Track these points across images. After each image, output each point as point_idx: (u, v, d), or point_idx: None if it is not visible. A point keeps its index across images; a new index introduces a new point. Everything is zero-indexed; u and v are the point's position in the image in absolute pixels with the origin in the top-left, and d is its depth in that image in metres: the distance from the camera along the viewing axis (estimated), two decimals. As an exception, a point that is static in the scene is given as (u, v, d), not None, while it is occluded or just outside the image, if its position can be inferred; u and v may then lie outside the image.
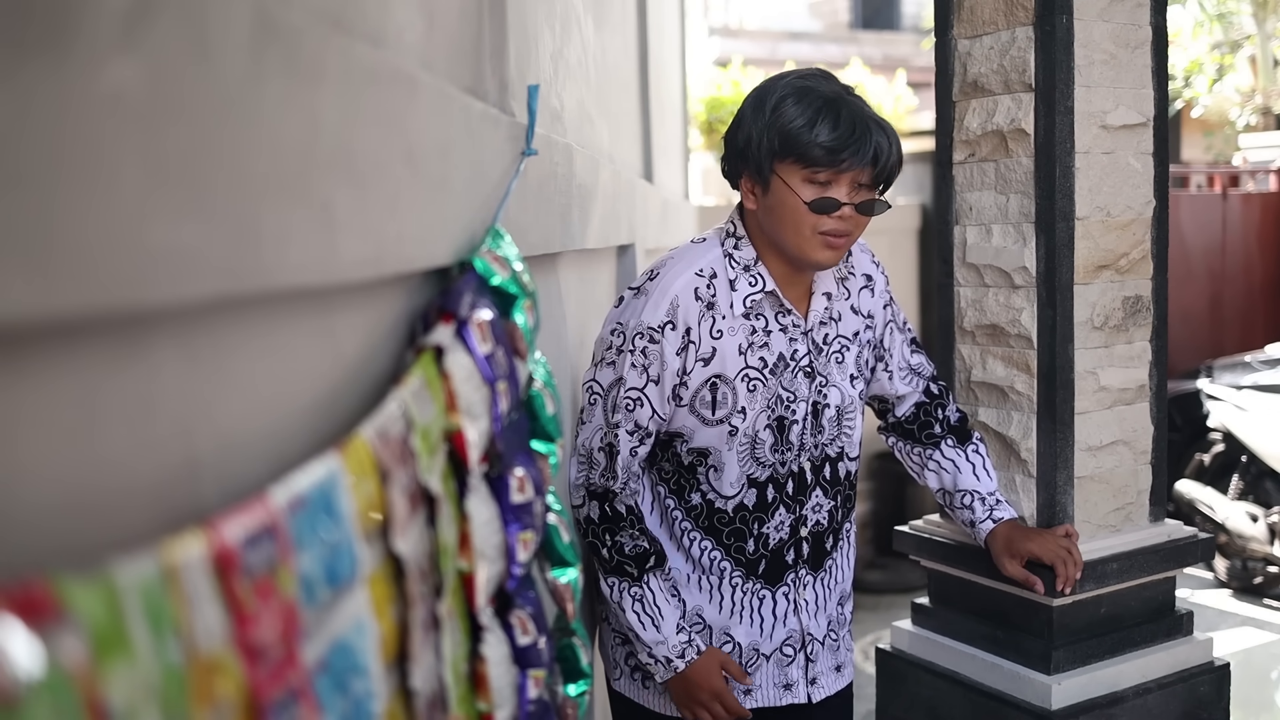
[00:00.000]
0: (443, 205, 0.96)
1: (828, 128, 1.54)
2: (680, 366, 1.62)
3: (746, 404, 1.66)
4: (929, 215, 5.74)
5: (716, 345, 1.64)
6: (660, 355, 1.61)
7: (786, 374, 1.69)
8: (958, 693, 2.47)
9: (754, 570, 1.73)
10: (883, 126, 1.57)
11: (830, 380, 1.73)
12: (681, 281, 1.63)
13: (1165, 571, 2.47)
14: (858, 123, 1.55)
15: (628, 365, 1.63)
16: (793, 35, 17.92)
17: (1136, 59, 2.42)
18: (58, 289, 0.42)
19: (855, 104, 1.57)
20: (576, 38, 2.09)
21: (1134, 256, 2.45)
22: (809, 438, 1.71)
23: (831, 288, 1.73)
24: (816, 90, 1.58)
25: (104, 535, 0.50)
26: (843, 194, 1.57)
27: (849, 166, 1.54)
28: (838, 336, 1.75)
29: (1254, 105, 11.78)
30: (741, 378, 1.66)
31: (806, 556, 1.75)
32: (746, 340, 1.66)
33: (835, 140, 1.53)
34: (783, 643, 1.75)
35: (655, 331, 1.61)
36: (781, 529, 1.73)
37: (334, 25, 0.78)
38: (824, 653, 1.79)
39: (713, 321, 1.64)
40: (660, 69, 4.34)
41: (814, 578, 1.76)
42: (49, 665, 0.36)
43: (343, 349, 0.81)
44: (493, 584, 0.96)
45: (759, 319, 1.67)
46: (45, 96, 0.41)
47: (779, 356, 1.68)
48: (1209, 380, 5.20)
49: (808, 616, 1.76)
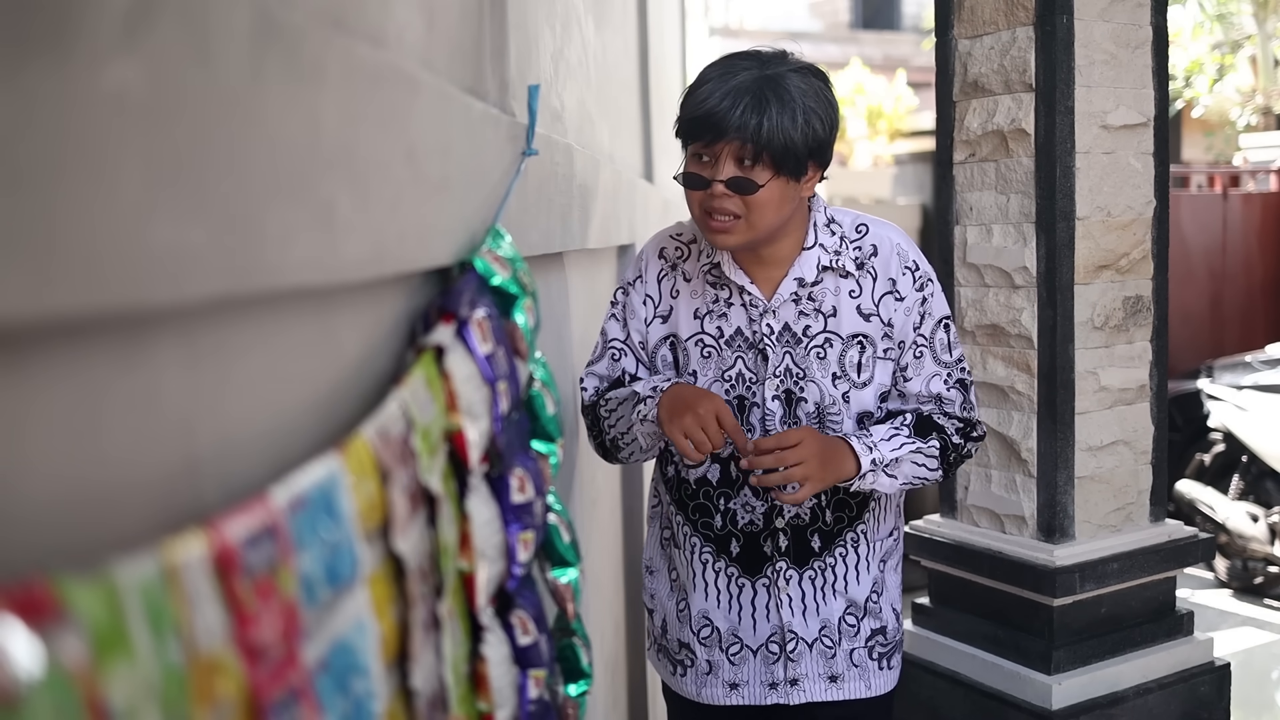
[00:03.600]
0: (443, 205, 0.96)
1: (700, 98, 1.51)
2: (646, 316, 1.72)
3: (699, 368, 1.68)
4: (929, 215, 5.74)
5: (674, 304, 1.70)
6: (629, 306, 1.74)
7: (748, 353, 1.66)
8: (958, 692, 2.47)
9: (724, 549, 1.71)
10: (766, 101, 1.48)
11: (808, 374, 1.65)
12: (654, 242, 1.76)
13: (1165, 571, 2.47)
14: (733, 94, 1.49)
15: (609, 318, 1.76)
16: (793, 35, 17.87)
17: (1137, 59, 2.42)
18: (59, 289, 0.43)
19: (753, 79, 1.50)
20: (577, 38, 2.09)
21: (1134, 256, 2.45)
22: (778, 425, 1.65)
23: (809, 274, 1.64)
24: (718, 66, 1.54)
25: (104, 535, 0.50)
26: (717, 171, 1.52)
27: (713, 139, 1.50)
28: (823, 332, 1.65)
29: (1254, 105, 11.79)
30: (695, 341, 1.68)
31: (785, 549, 1.69)
32: (706, 306, 1.68)
33: (699, 112, 1.50)
34: (768, 638, 1.72)
35: (629, 285, 1.75)
36: (752, 511, 1.69)
37: (334, 25, 0.78)
38: (811, 656, 1.71)
39: (674, 281, 1.71)
40: (660, 69, 4.35)
41: (799, 574, 1.69)
42: (49, 665, 0.36)
43: (343, 349, 0.81)
44: (493, 584, 0.96)
45: (723, 289, 1.68)
46: (46, 96, 0.41)
47: (736, 330, 1.67)
48: (1209, 380, 5.20)
49: (791, 614, 1.70)
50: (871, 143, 9.77)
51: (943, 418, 1.70)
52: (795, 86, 1.52)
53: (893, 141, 9.73)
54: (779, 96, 1.50)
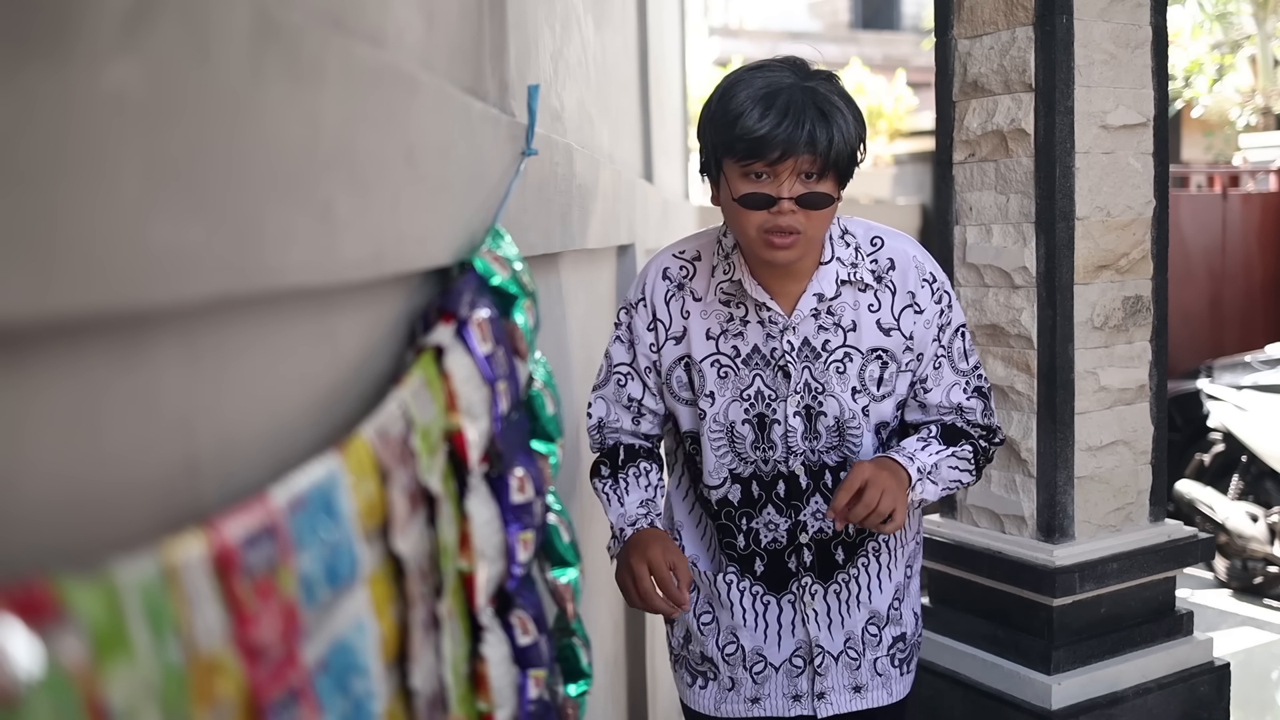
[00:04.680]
0: (443, 205, 0.96)
1: (755, 118, 1.44)
2: (652, 342, 1.68)
3: (715, 389, 1.65)
4: (929, 215, 5.74)
5: (686, 325, 1.67)
6: (633, 329, 1.70)
7: (767, 370, 1.63)
8: (958, 692, 2.47)
9: (749, 568, 1.71)
10: (826, 114, 1.45)
11: (828, 389, 1.63)
12: (657, 262, 1.71)
13: (1165, 571, 2.47)
14: (791, 111, 1.43)
15: (614, 340, 1.73)
16: (793, 35, 17.92)
17: (1136, 59, 2.42)
18: (59, 289, 0.43)
19: (798, 91, 1.45)
20: (576, 38, 2.09)
21: (1134, 256, 2.45)
22: (800, 442, 1.64)
23: (828, 289, 1.61)
24: (758, 80, 1.47)
25: (104, 535, 0.50)
26: (783, 188, 1.46)
27: (780, 158, 1.44)
28: (843, 346, 1.63)
29: (1254, 105, 11.79)
30: (711, 362, 1.65)
31: (810, 564, 1.69)
32: (720, 326, 1.65)
33: (761, 131, 1.43)
34: (792, 653, 1.72)
35: (631, 307, 1.71)
36: (775, 529, 1.68)
37: (334, 25, 0.78)
38: (837, 669, 1.71)
39: (683, 302, 1.67)
40: (660, 69, 4.35)
41: (824, 588, 1.70)
42: (49, 665, 0.36)
43: (343, 349, 0.81)
44: (493, 584, 0.96)
45: (738, 307, 1.64)
46: (46, 97, 0.41)
47: (754, 348, 1.63)
48: (1209, 380, 5.20)
49: (817, 628, 1.70)
50: (871, 143, 9.77)
51: (966, 425, 1.71)
52: (837, 96, 1.48)
53: (892, 141, 9.73)
54: (835, 109, 1.46)
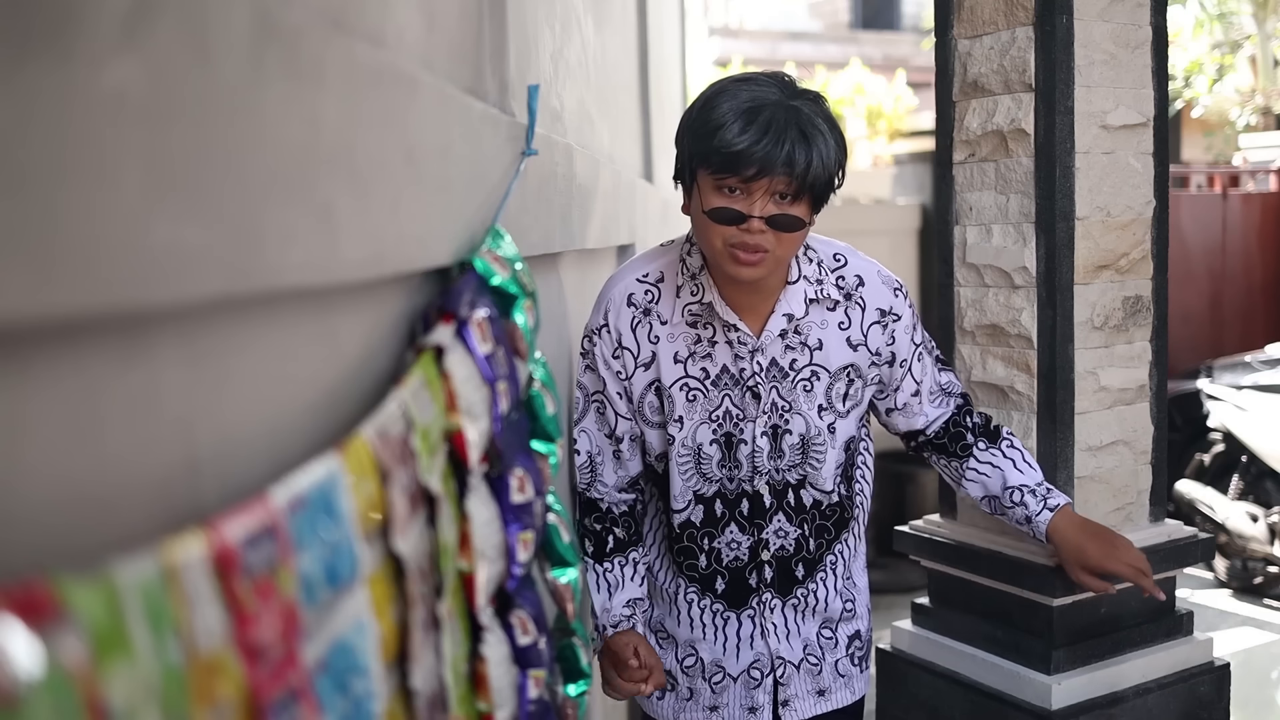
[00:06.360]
0: (443, 205, 0.96)
1: (734, 132, 1.40)
2: (619, 370, 1.64)
3: (684, 413, 1.62)
4: (929, 215, 5.74)
5: (655, 350, 1.62)
6: (599, 357, 1.65)
7: (735, 390, 1.62)
8: (958, 693, 2.47)
9: (709, 586, 1.71)
10: (808, 136, 1.42)
11: (794, 407, 1.63)
12: (620, 287, 1.65)
13: (1165, 571, 2.47)
14: (773, 129, 1.40)
15: (584, 370, 1.69)
16: (793, 35, 17.94)
17: (1136, 59, 2.42)
18: (60, 289, 0.43)
19: (782, 110, 1.42)
20: (576, 38, 2.09)
21: (1134, 256, 2.45)
22: (765, 461, 1.64)
23: (797, 309, 1.60)
24: (743, 93, 1.44)
25: (104, 535, 0.50)
26: (755, 206, 1.43)
27: (755, 176, 1.41)
28: (809, 365, 1.63)
29: (1254, 105, 11.79)
30: (680, 386, 1.62)
31: (770, 580, 1.70)
32: (687, 349, 1.61)
33: (739, 146, 1.40)
34: (750, 665, 1.73)
35: (595, 334, 1.66)
36: (737, 548, 1.69)
37: (334, 25, 0.78)
38: (799, 676, 1.74)
39: (650, 327, 1.62)
40: (660, 69, 4.35)
41: (782, 602, 1.71)
42: (49, 665, 0.36)
43: (343, 349, 0.81)
44: (493, 584, 0.96)
45: (705, 328, 1.61)
46: (47, 97, 0.41)
47: (722, 369, 1.61)
48: (1209, 380, 5.20)
49: (777, 640, 1.72)
50: (871, 143, 9.77)
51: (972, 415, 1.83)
52: (822, 118, 1.46)
53: (892, 141, 9.72)
54: (818, 131, 1.44)
